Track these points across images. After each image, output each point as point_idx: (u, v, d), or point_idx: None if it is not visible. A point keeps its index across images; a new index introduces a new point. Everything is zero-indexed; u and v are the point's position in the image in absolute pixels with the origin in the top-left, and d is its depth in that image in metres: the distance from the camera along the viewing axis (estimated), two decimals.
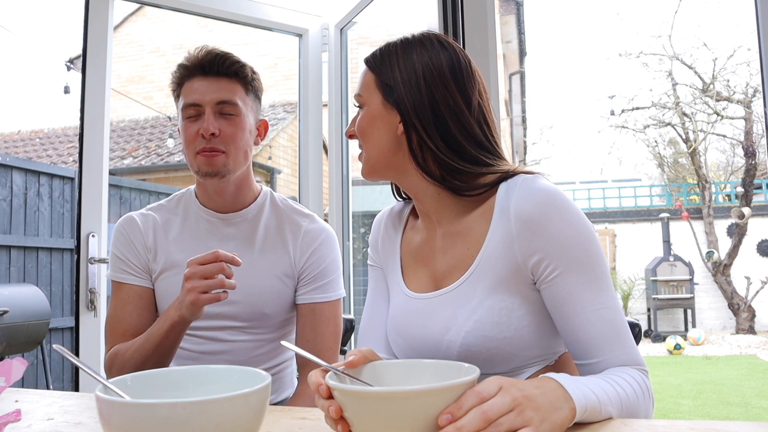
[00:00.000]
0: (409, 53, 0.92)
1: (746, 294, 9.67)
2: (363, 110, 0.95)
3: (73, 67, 9.99)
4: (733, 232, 10.07)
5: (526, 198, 0.84)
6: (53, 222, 4.56)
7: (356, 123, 0.96)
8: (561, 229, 0.82)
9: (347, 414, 0.65)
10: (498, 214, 0.87)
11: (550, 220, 0.83)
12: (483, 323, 0.86)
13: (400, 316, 0.97)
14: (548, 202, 0.83)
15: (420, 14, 2.02)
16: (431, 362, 0.76)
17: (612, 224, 11.72)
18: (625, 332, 0.83)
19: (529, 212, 0.83)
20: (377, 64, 0.94)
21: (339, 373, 0.70)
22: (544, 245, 0.83)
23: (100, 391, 0.62)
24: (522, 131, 16.09)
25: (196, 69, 1.23)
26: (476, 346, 0.86)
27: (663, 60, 11.45)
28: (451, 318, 0.89)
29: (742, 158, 11.33)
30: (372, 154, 0.95)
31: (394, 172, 0.95)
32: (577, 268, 0.82)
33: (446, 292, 0.91)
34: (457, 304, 0.89)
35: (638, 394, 0.78)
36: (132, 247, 1.27)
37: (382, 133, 0.93)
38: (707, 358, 7.57)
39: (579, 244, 0.83)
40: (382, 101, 0.93)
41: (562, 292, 0.83)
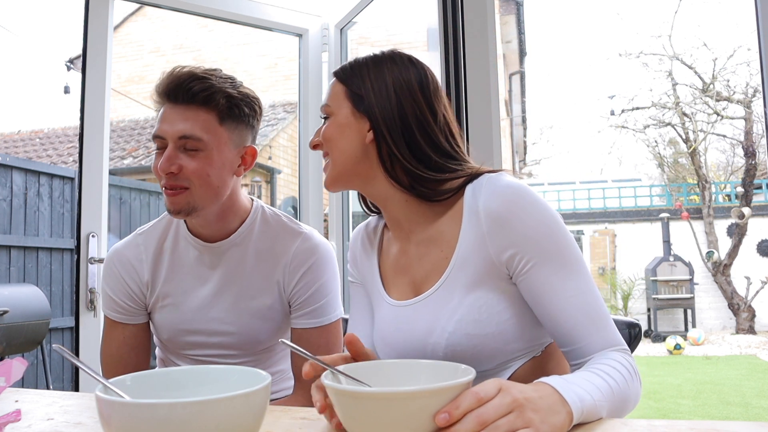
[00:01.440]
0: (380, 67, 0.96)
1: (746, 294, 9.67)
2: (330, 119, 0.97)
3: (73, 67, 9.99)
4: (733, 232, 10.07)
5: (492, 195, 0.87)
6: (53, 222, 4.56)
7: (322, 132, 0.98)
8: (529, 222, 0.85)
9: (343, 414, 0.65)
10: (467, 215, 0.90)
11: (518, 215, 0.85)
12: (464, 322, 0.88)
13: (385, 326, 0.99)
14: (515, 198, 0.86)
15: (420, 14, 2.02)
16: (429, 362, 0.76)
17: (612, 224, 11.72)
18: (602, 315, 0.85)
19: (497, 209, 0.86)
20: (347, 75, 0.97)
21: (336, 373, 0.70)
22: (515, 239, 0.85)
23: (100, 391, 0.62)
24: (522, 131, 16.09)
25: (163, 96, 1.11)
26: (461, 345, 0.88)
27: (663, 60, 11.46)
28: (432, 321, 0.90)
29: (742, 158, 11.33)
30: (339, 161, 0.96)
31: (360, 180, 0.97)
32: (548, 258, 0.85)
33: (425, 297, 0.93)
34: (437, 307, 0.91)
35: (627, 379, 0.80)
36: (124, 287, 1.21)
37: (351, 140, 0.95)
38: (707, 358, 7.57)
39: (548, 235, 0.85)
40: (351, 110, 0.95)
41: (537, 284, 0.85)
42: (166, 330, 1.22)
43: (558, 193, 13.74)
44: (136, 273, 1.21)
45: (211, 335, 1.20)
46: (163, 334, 1.23)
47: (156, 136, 1.10)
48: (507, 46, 11.07)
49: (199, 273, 1.20)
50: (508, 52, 11.40)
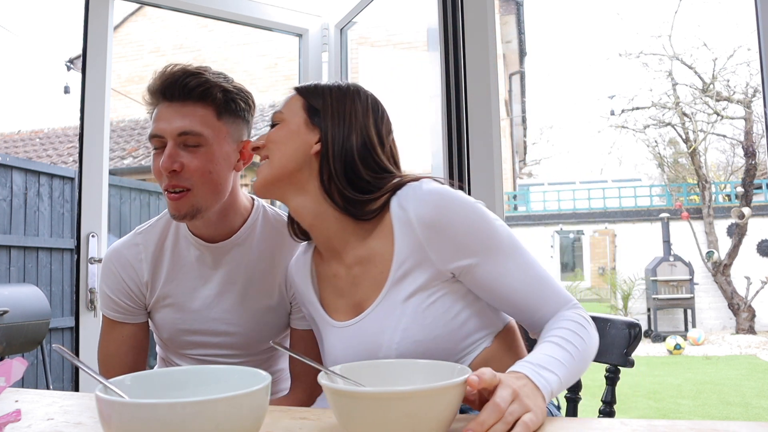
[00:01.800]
0: (342, 94, 1.00)
1: (746, 294, 9.66)
2: (279, 125, 1.00)
3: (73, 67, 9.99)
4: (733, 232, 10.06)
5: (422, 204, 0.90)
6: (53, 222, 4.56)
7: (267, 135, 1.00)
8: (463, 223, 0.89)
9: (340, 414, 0.65)
10: (399, 227, 0.92)
11: (451, 219, 0.89)
12: (410, 330, 0.90)
13: (333, 349, 0.99)
14: (443, 203, 0.89)
15: (420, 14, 2.02)
16: (426, 362, 0.76)
17: (612, 224, 11.71)
18: (547, 281, 0.92)
19: (431, 216, 0.89)
20: (309, 91, 1.01)
21: (332, 374, 0.70)
22: (456, 244, 0.89)
23: (100, 391, 0.62)
24: (522, 131, 16.10)
25: (158, 95, 1.10)
26: (411, 352, 0.90)
27: (663, 60, 11.45)
28: (379, 335, 0.92)
29: (742, 158, 11.33)
30: (278, 164, 0.97)
31: (293, 189, 0.98)
32: (489, 251, 0.90)
33: (368, 314, 0.94)
34: (381, 321, 0.93)
35: (584, 336, 0.87)
36: (124, 286, 1.19)
37: (296, 148, 0.97)
38: (707, 358, 7.57)
39: (482, 230, 0.90)
40: (305, 120, 0.98)
41: (483, 276, 0.90)
42: (166, 330, 1.22)
43: (558, 193, 13.73)
44: (135, 273, 1.20)
45: (213, 335, 1.20)
46: (164, 333, 1.22)
47: (153, 135, 1.08)
48: (507, 46, 11.08)
49: (200, 273, 1.19)
50: (508, 52, 11.40)
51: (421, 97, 2.29)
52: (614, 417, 1.10)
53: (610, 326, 1.13)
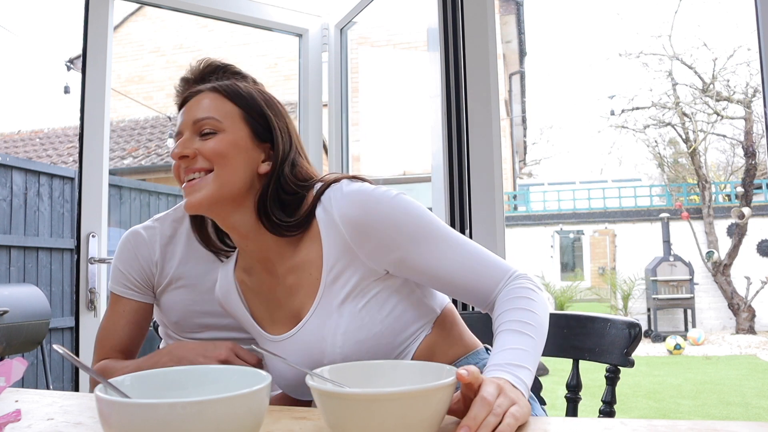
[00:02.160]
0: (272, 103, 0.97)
1: (746, 294, 9.67)
2: (222, 135, 0.91)
3: (73, 67, 9.99)
4: (733, 232, 10.06)
5: (344, 204, 0.89)
6: (53, 222, 4.56)
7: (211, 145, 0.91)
8: (387, 218, 0.88)
9: (327, 415, 0.65)
10: (325, 231, 0.91)
11: (374, 216, 0.88)
12: (350, 332, 0.89)
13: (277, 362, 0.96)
14: (365, 201, 0.88)
15: (420, 14, 2.02)
16: (414, 363, 0.76)
17: (612, 224, 11.72)
18: (483, 256, 0.91)
19: (355, 216, 0.88)
20: (243, 99, 0.95)
21: (318, 376, 0.70)
22: (383, 240, 0.88)
23: (100, 391, 0.62)
24: (522, 131, 16.10)
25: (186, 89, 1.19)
26: (356, 353, 0.89)
27: (663, 60, 11.45)
28: (320, 342, 0.91)
29: (742, 158, 11.33)
30: (227, 180, 0.90)
31: (232, 206, 0.93)
32: (417, 241, 0.88)
33: (305, 322, 0.93)
34: (320, 328, 0.91)
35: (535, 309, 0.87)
36: (137, 263, 1.24)
37: (244, 165, 0.92)
38: (707, 358, 7.57)
39: (407, 221, 0.88)
40: (250, 135, 0.93)
41: (418, 265, 0.89)
42: (176, 311, 1.24)
43: (558, 193, 13.73)
44: (148, 252, 1.25)
45: (223, 316, 1.22)
46: (173, 316, 1.24)
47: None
48: (507, 46, 11.08)
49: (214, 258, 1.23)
50: (508, 52, 11.41)
51: (421, 97, 2.29)
52: (614, 417, 1.10)
53: (610, 326, 1.13)
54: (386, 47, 6.39)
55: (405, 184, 6.26)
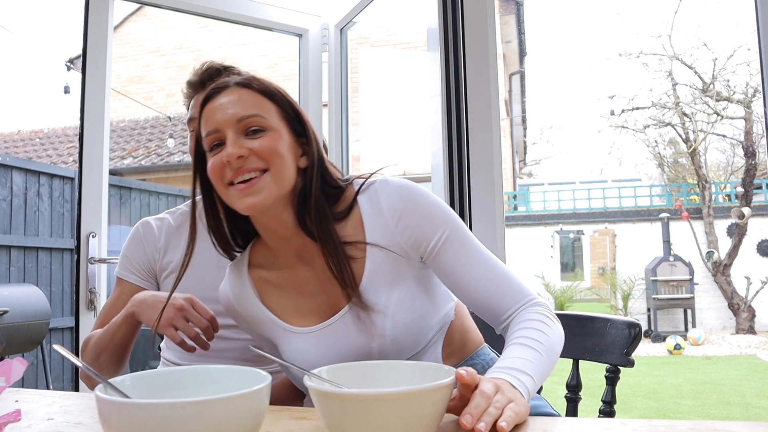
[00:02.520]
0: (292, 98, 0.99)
1: (746, 294, 9.66)
2: (271, 134, 0.90)
3: (73, 67, 9.98)
4: (733, 232, 10.06)
5: (392, 195, 0.95)
6: (53, 222, 4.56)
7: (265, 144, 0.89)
8: (429, 208, 0.95)
9: (325, 416, 0.64)
10: (369, 219, 0.95)
11: (417, 204, 0.94)
12: (399, 313, 0.93)
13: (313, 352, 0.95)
14: (410, 192, 0.95)
15: (420, 14, 2.02)
16: (412, 363, 0.76)
17: (612, 224, 11.71)
18: (508, 276, 0.95)
19: (400, 203, 0.94)
20: (275, 95, 0.94)
21: (317, 376, 0.70)
22: (420, 223, 0.94)
23: (100, 391, 0.62)
24: (522, 131, 16.10)
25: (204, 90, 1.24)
26: (403, 335, 0.94)
27: (663, 60, 11.45)
28: (369, 324, 0.92)
29: (742, 158, 11.33)
30: (283, 179, 0.90)
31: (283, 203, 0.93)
32: (453, 237, 0.94)
33: (350, 308, 0.93)
34: (366, 312, 0.92)
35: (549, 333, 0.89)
36: (141, 250, 1.31)
37: (292, 163, 0.92)
38: (707, 358, 7.57)
39: (446, 218, 0.95)
40: (290, 133, 0.94)
41: (448, 260, 0.94)
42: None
43: (558, 193, 13.72)
44: (155, 239, 1.32)
45: None
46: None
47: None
48: (507, 46, 11.08)
49: None
50: (508, 52, 11.40)
51: (421, 97, 2.29)
52: (614, 417, 1.10)
53: (610, 326, 1.13)
54: (386, 47, 6.39)
55: None
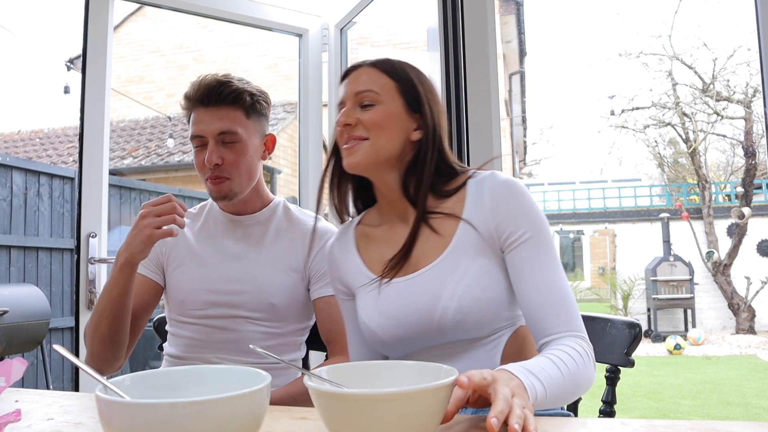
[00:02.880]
0: (423, 77, 1.08)
1: (746, 294, 9.67)
2: (379, 107, 1.03)
3: (73, 67, 9.99)
4: (733, 232, 10.07)
5: (497, 183, 1.01)
6: (53, 222, 4.56)
7: (370, 116, 1.02)
8: (524, 205, 0.99)
9: (325, 416, 0.64)
10: (471, 198, 1.02)
11: (516, 198, 0.99)
12: (472, 287, 0.97)
13: (382, 303, 1.04)
14: (515, 187, 1.01)
15: (420, 14, 2.02)
16: (412, 363, 0.76)
17: (612, 224, 11.72)
18: (568, 302, 0.95)
19: (500, 191, 1.00)
20: (397, 73, 1.05)
21: (316, 376, 0.70)
22: (512, 214, 0.98)
23: (100, 391, 0.62)
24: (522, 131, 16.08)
25: (196, 101, 1.28)
26: (468, 307, 0.97)
27: (663, 60, 11.45)
28: (440, 288, 0.98)
29: (742, 158, 11.33)
30: (382, 148, 1.02)
31: (384, 170, 1.05)
32: (534, 239, 0.97)
33: (429, 269, 1.01)
34: (443, 275, 0.99)
35: (580, 366, 0.88)
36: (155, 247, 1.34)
37: (398, 134, 1.03)
38: (707, 358, 7.57)
39: (537, 222, 0.99)
40: (404, 107, 1.04)
41: (521, 259, 0.97)
42: (183, 290, 1.32)
43: (558, 193, 13.73)
44: None
45: (226, 293, 1.30)
46: (180, 294, 1.32)
47: (196, 135, 1.28)
48: (507, 46, 11.07)
49: (223, 241, 1.35)
50: (508, 52, 11.39)
51: None
52: (614, 417, 1.10)
53: (610, 326, 1.13)
54: (386, 47, 6.39)
55: None
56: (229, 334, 1.29)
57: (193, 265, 1.33)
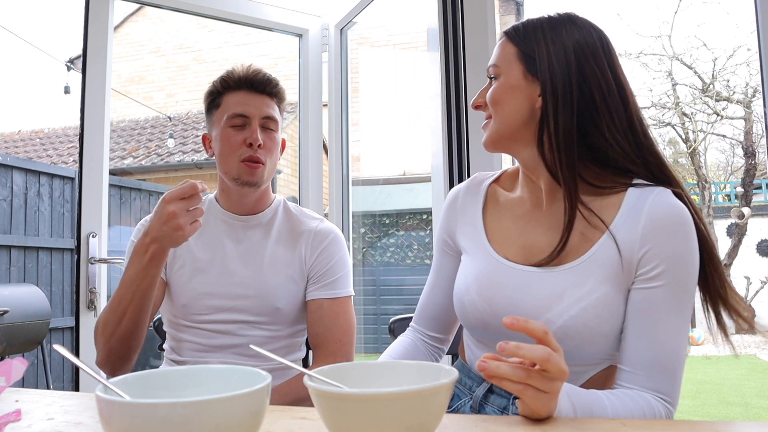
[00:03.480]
0: (557, 29, 0.91)
1: (746, 294, 9.66)
2: (499, 80, 0.94)
3: (73, 67, 9.99)
4: (733, 232, 10.06)
5: (662, 205, 0.85)
6: (53, 222, 4.56)
7: (489, 93, 0.95)
8: (682, 246, 0.84)
9: (325, 416, 0.64)
10: (626, 210, 0.87)
11: (677, 232, 0.84)
12: (588, 312, 0.86)
13: (486, 279, 0.95)
14: (681, 218, 0.85)
15: (420, 14, 2.02)
16: (413, 363, 0.76)
17: None
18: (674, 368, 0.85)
19: (663, 218, 0.84)
20: (520, 36, 0.94)
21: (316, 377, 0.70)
22: (663, 252, 0.84)
23: (100, 391, 0.62)
24: None
25: (244, 83, 1.32)
26: (574, 331, 0.86)
27: (663, 60, 11.44)
28: (555, 297, 0.88)
29: (742, 158, 11.32)
30: (503, 123, 0.94)
31: (519, 145, 0.95)
32: (675, 288, 0.84)
33: (554, 272, 0.90)
34: (565, 285, 0.88)
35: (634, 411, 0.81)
36: None
37: (519, 103, 0.92)
38: (707, 358, 7.57)
39: (688, 267, 0.85)
40: (523, 72, 0.92)
41: (648, 303, 0.85)
42: (186, 294, 1.30)
43: None
44: None
45: (230, 298, 1.29)
46: (183, 298, 1.30)
47: (239, 114, 1.30)
48: None
49: (226, 243, 1.34)
50: None
51: (421, 97, 2.29)
52: None
53: None
54: (386, 47, 6.39)
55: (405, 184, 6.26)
56: (233, 339, 1.28)
57: (195, 269, 1.32)
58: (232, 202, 1.36)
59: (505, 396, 0.95)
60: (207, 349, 1.29)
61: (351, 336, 1.34)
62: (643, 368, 0.84)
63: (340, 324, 1.32)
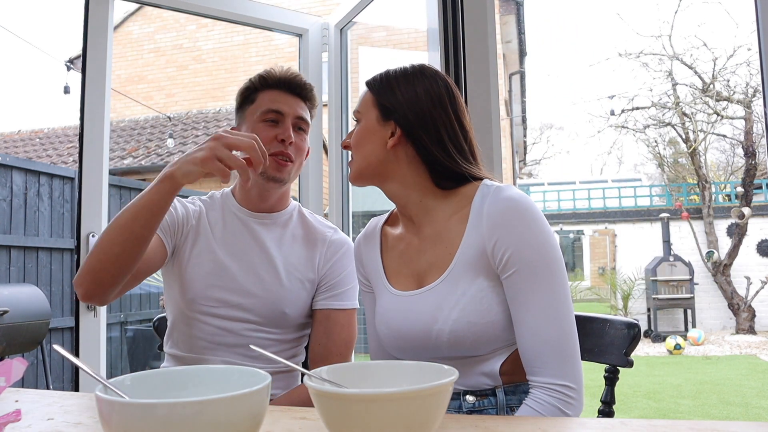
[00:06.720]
0: (409, 80, 1.06)
1: (746, 294, 9.66)
2: (360, 124, 1.09)
3: (73, 67, 9.98)
4: (733, 232, 10.06)
5: (496, 202, 0.98)
6: (53, 222, 4.56)
7: (352, 135, 1.10)
8: (522, 231, 0.95)
9: (325, 416, 0.64)
10: (473, 218, 1.00)
11: (513, 222, 0.95)
12: (467, 311, 0.97)
13: (388, 313, 1.08)
14: (514, 208, 0.96)
15: (420, 14, 2.02)
16: (413, 363, 0.76)
17: (612, 224, 11.72)
18: (565, 346, 0.92)
19: (497, 214, 0.97)
20: (377, 86, 1.08)
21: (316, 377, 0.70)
22: (506, 241, 0.95)
23: (100, 391, 0.62)
24: (522, 131, 16.10)
25: (282, 83, 1.35)
26: (463, 331, 0.97)
27: (663, 60, 11.45)
28: (437, 309, 0.99)
29: (742, 158, 11.33)
30: (361, 162, 1.08)
31: (378, 180, 1.09)
32: (531, 270, 0.93)
33: (429, 289, 1.02)
34: (441, 298, 1.00)
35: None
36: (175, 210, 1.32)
37: (375, 145, 1.06)
38: (707, 358, 7.58)
39: (536, 249, 0.94)
40: (377, 117, 1.06)
41: (514, 290, 0.95)
42: (196, 286, 1.28)
43: (558, 193, 13.73)
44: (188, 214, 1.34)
45: (237, 294, 1.29)
46: (191, 291, 1.29)
47: (274, 110, 1.32)
48: (507, 46, 11.08)
49: (241, 239, 1.34)
50: (508, 52, 11.41)
51: None
52: (614, 417, 1.10)
53: (610, 326, 1.13)
54: (386, 47, 6.39)
55: None
56: (237, 338, 1.28)
57: (208, 259, 1.31)
58: (252, 198, 1.36)
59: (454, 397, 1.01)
60: (210, 346, 1.28)
61: (351, 350, 1.36)
62: (532, 355, 0.93)
63: (343, 337, 1.33)
